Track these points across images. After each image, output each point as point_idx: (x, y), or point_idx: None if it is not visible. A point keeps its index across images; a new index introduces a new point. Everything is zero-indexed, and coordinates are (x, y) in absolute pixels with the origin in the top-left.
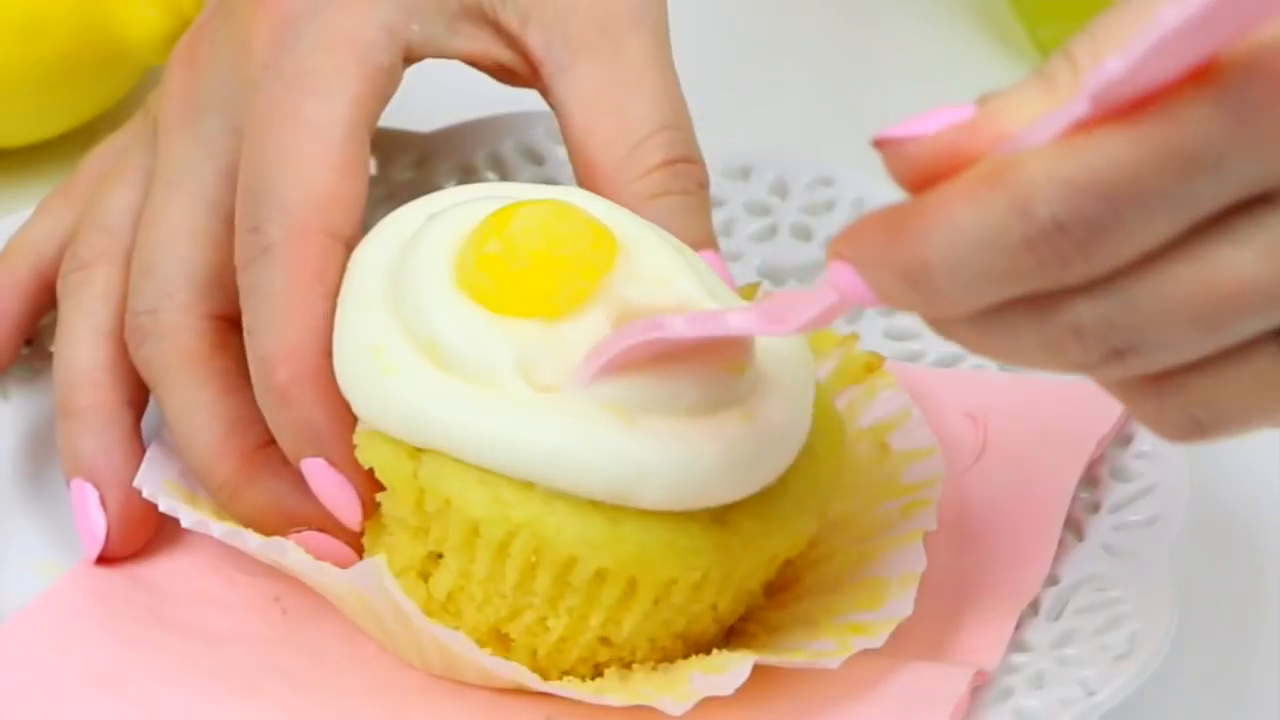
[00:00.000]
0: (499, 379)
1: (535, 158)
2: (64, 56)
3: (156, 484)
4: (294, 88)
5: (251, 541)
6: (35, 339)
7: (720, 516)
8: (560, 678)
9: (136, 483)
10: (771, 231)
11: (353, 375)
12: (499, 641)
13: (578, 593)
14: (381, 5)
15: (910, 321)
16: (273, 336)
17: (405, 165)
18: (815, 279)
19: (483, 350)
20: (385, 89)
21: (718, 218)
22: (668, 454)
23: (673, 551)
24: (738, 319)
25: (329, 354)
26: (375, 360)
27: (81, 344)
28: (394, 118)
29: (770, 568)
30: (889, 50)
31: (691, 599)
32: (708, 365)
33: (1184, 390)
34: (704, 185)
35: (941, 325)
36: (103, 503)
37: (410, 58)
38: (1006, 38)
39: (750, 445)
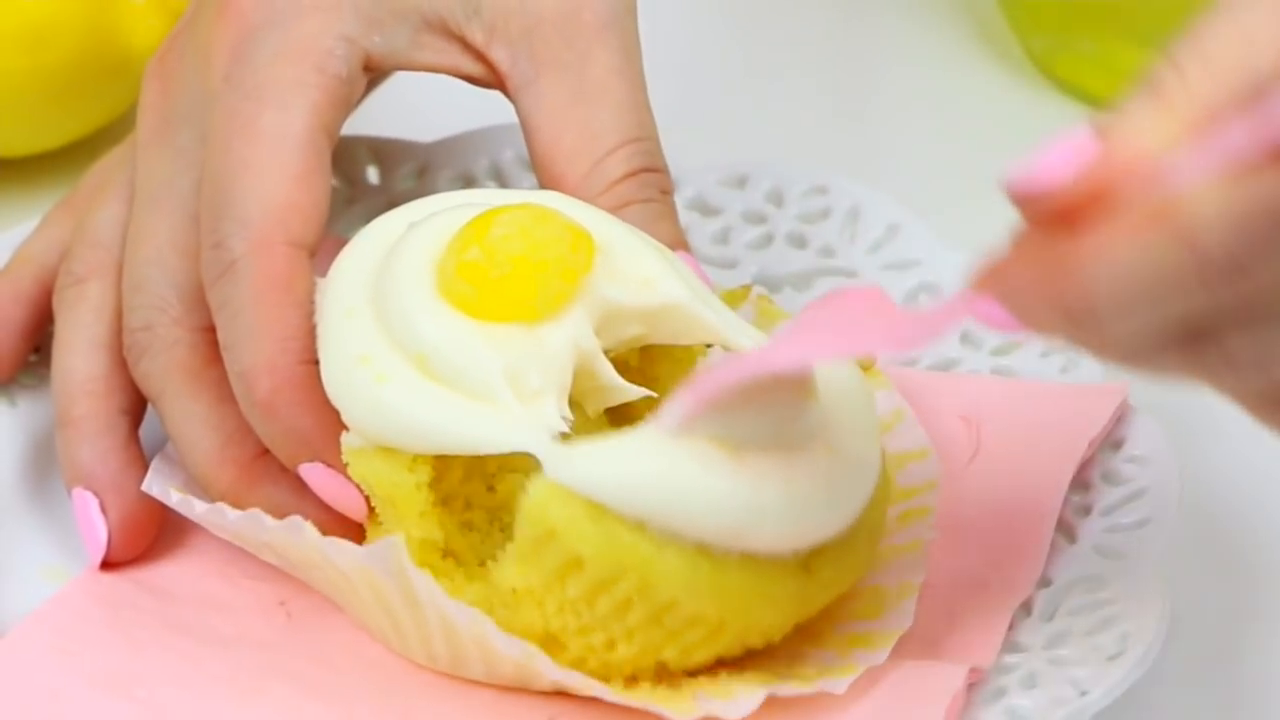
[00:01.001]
0: (488, 388)
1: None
2: (69, 67)
3: (165, 492)
4: (252, 99)
5: (268, 523)
6: (42, 347)
7: (805, 562)
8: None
9: (144, 486)
10: (768, 239)
11: (344, 385)
12: (551, 642)
13: (665, 630)
14: (341, 17)
15: None
16: (249, 352)
17: (407, 175)
18: (811, 285)
19: (471, 359)
20: (345, 98)
21: (715, 225)
22: (778, 496)
23: (768, 600)
24: (853, 340)
25: (307, 362)
26: (365, 369)
27: (77, 356)
28: (396, 128)
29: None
30: (884, 63)
31: (760, 637)
32: (787, 395)
33: None
34: (667, 191)
35: (1092, 351)
36: (103, 509)
37: (371, 68)
38: (1000, 49)
39: (841, 481)
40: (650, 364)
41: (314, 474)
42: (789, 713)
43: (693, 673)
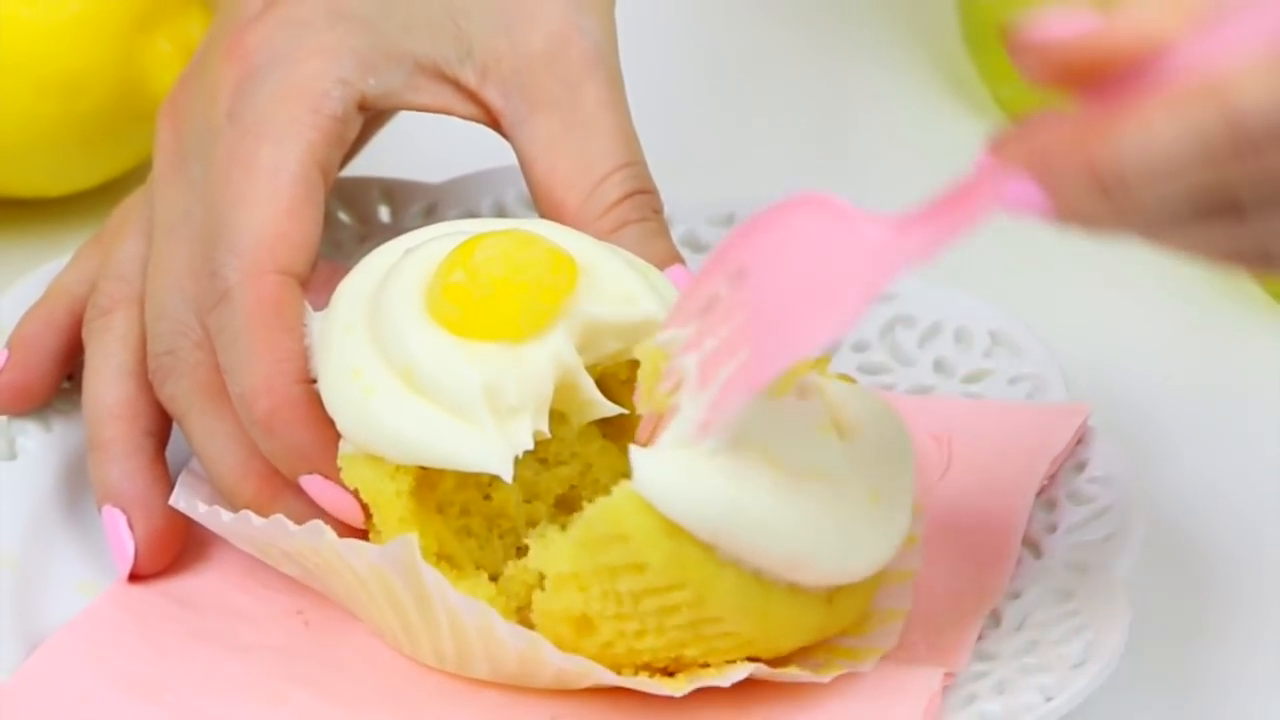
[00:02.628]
0: (467, 404)
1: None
2: (101, 113)
3: (192, 507)
4: (251, 135)
5: (291, 528)
6: (75, 375)
7: (830, 595)
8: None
9: (172, 501)
10: None
11: (337, 396)
12: (584, 624)
13: (697, 634)
14: (339, 60)
15: (882, 357)
16: (246, 374)
17: (416, 213)
18: None
19: (452, 376)
20: (339, 136)
21: (703, 260)
22: (835, 539)
23: (796, 627)
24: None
25: (301, 381)
26: (355, 382)
27: (105, 383)
28: (406, 170)
29: None
30: (863, 109)
31: (771, 652)
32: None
33: None
34: (659, 211)
35: (1117, 223)
36: (131, 525)
37: (366, 108)
38: (969, 96)
39: (883, 528)
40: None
41: (313, 484)
42: (774, 709)
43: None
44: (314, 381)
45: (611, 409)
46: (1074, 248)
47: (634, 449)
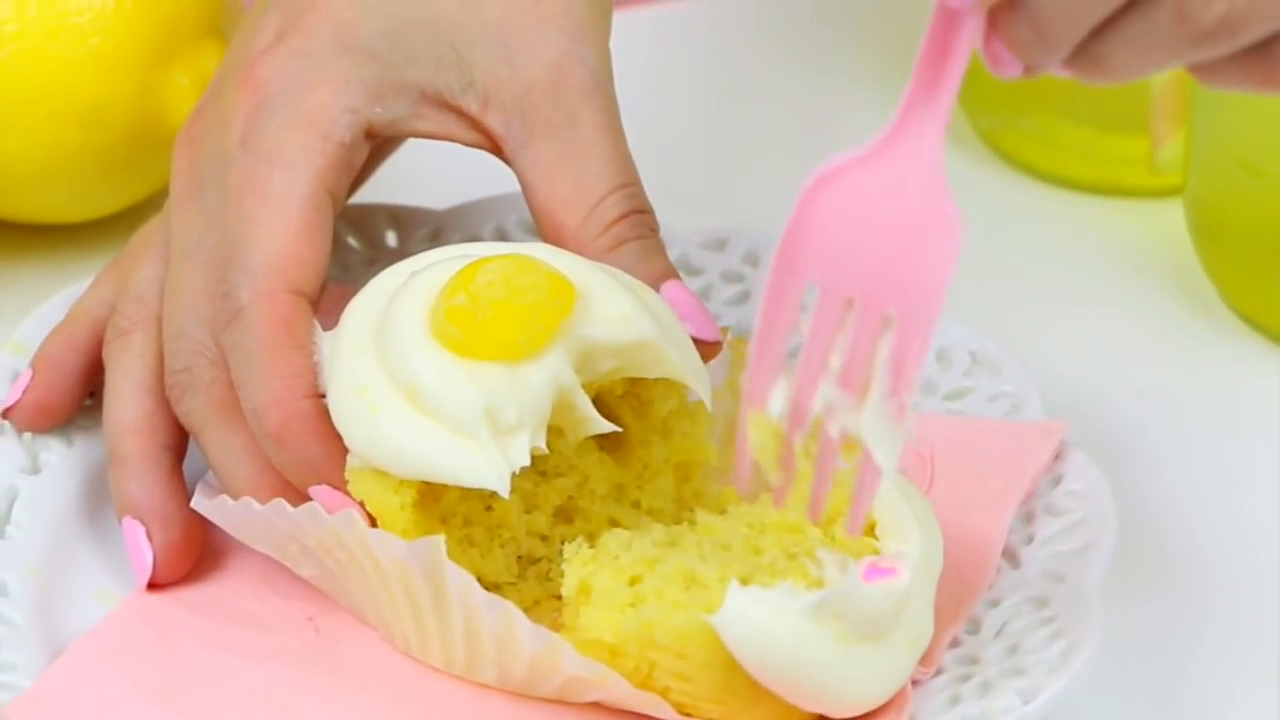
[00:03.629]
0: (468, 422)
1: (535, 231)
2: (121, 143)
3: (220, 502)
4: (264, 161)
5: (325, 516)
6: (96, 393)
7: None
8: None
9: (194, 504)
10: (744, 296)
11: (345, 413)
12: (616, 653)
13: (717, 701)
14: (347, 90)
15: None
16: (258, 390)
17: (422, 238)
18: None
19: (453, 395)
20: (347, 162)
21: (698, 284)
22: (873, 690)
23: None
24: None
25: (311, 396)
26: (362, 399)
27: (124, 400)
28: (412, 197)
29: None
30: (848, 140)
31: None
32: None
33: None
34: (655, 229)
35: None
36: (149, 536)
37: (373, 135)
38: (952, 126)
39: (908, 666)
40: (638, 388)
41: (322, 494)
42: None
43: None
44: (323, 397)
45: (607, 426)
46: (1050, 272)
47: (735, 586)
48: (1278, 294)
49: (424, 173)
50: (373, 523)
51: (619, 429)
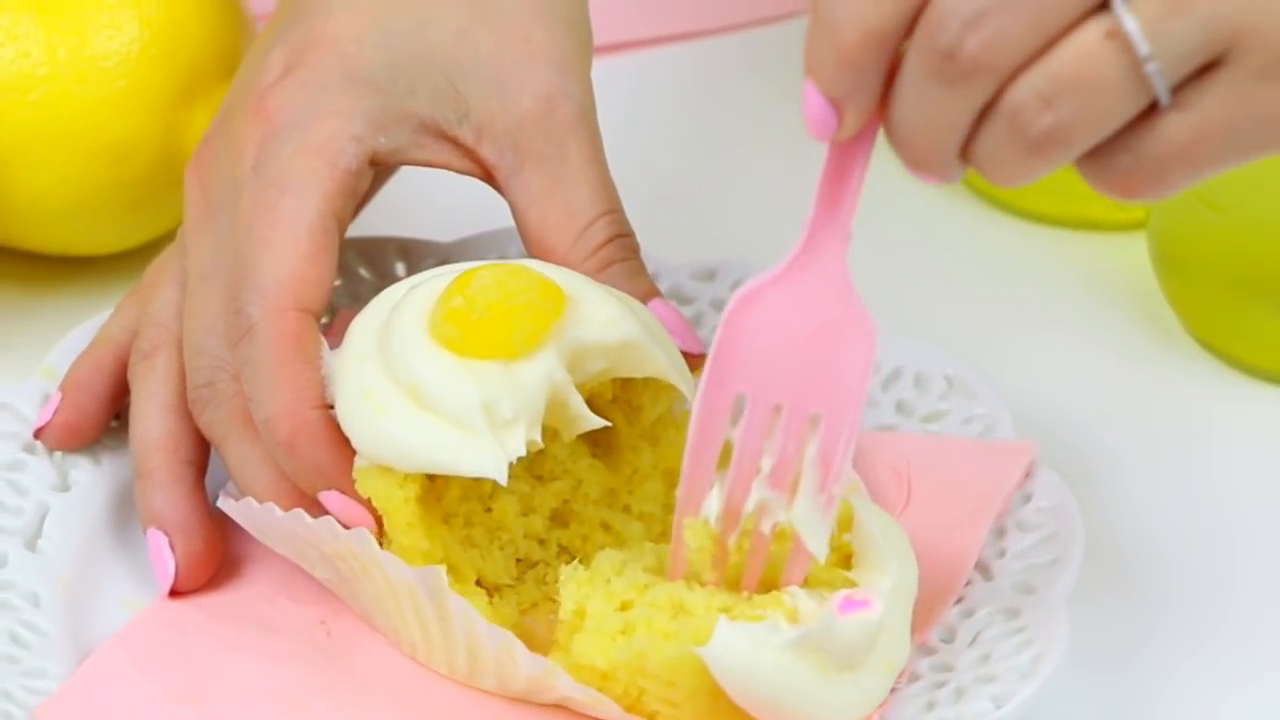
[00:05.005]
0: (466, 417)
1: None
2: (145, 180)
3: (245, 504)
4: (274, 186)
5: (340, 531)
6: (122, 414)
7: None
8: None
9: (219, 504)
10: None
11: (351, 416)
12: (606, 679)
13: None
14: (353, 120)
15: None
16: (269, 402)
17: (428, 268)
18: None
19: (453, 391)
20: (353, 189)
21: (687, 313)
22: (851, 712)
23: None
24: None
25: (319, 407)
26: (367, 403)
27: (149, 418)
28: (420, 229)
29: None
30: None
31: None
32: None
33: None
34: (638, 251)
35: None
36: (172, 546)
37: (376, 163)
38: None
39: (882, 692)
40: (628, 393)
41: (331, 499)
42: None
43: None
44: (331, 408)
45: (598, 422)
46: (1023, 301)
47: (723, 622)
48: (1236, 323)
49: (431, 207)
50: (379, 521)
51: (609, 424)
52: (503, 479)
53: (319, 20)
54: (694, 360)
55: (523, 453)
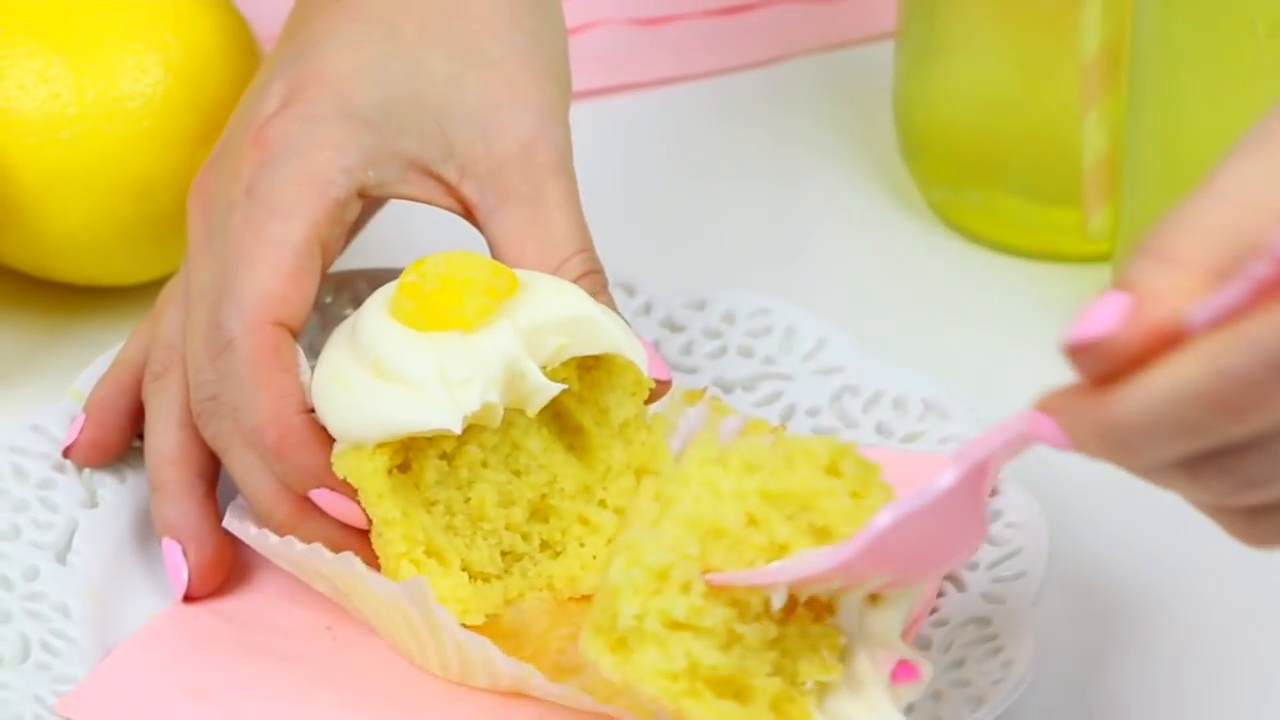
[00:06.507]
0: (422, 380)
1: None
2: (168, 214)
3: (242, 522)
4: (264, 209)
5: (326, 556)
6: (145, 433)
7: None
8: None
9: (224, 523)
10: (722, 351)
11: (323, 399)
12: (619, 644)
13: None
14: (346, 153)
15: (831, 421)
16: (253, 410)
17: None
18: (756, 388)
19: (409, 358)
20: (340, 217)
21: (679, 341)
22: None
23: None
24: (940, 480)
25: (302, 412)
26: (335, 382)
27: (161, 434)
28: (424, 252)
29: None
30: (814, 211)
31: None
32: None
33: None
34: (606, 286)
35: (1127, 468)
36: (185, 554)
37: (365, 195)
38: (906, 199)
39: None
40: (594, 394)
41: (321, 496)
42: None
43: None
44: (312, 412)
45: (557, 388)
46: (995, 328)
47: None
48: None
49: (433, 233)
50: (354, 496)
51: (566, 387)
52: (456, 429)
53: (318, 57)
54: (660, 387)
55: (475, 408)
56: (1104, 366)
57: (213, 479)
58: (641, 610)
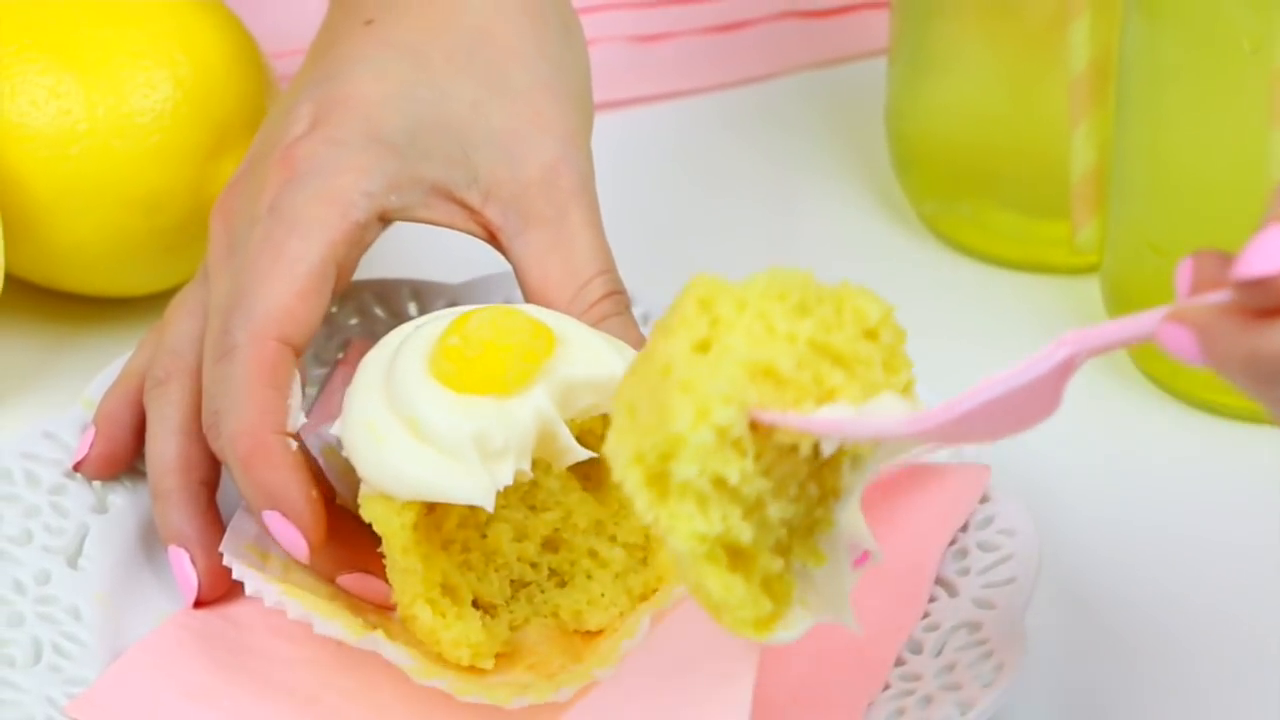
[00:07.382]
0: (459, 447)
1: None
2: (178, 227)
3: (238, 548)
4: (284, 226)
5: (286, 602)
6: (145, 440)
7: None
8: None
9: (222, 548)
10: None
11: (354, 444)
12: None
13: None
14: (369, 177)
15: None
16: (235, 419)
17: (439, 308)
18: None
19: (448, 423)
20: (359, 240)
21: None
22: None
23: None
24: (1046, 359)
25: (279, 433)
26: (370, 433)
27: (163, 442)
28: (431, 271)
29: None
30: (808, 223)
31: None
32: None
33: None
34: (629, 306)
35: (1263, 401)
36: (192, 561)
37: (386, 219)
38: (897, 212)
39: None
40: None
41: (270, 520)
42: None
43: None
44: (293, 436)
45: (585, 454)
46: (984, 339)
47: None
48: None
49: (441, 250)
50: (379, 542)
51: (595, 455)
52: (489, 506)
53: (346, 82)
54: None
55: (510, 482)
56: (1273, 301)
57: (214, 486)
58: (701, 468)
